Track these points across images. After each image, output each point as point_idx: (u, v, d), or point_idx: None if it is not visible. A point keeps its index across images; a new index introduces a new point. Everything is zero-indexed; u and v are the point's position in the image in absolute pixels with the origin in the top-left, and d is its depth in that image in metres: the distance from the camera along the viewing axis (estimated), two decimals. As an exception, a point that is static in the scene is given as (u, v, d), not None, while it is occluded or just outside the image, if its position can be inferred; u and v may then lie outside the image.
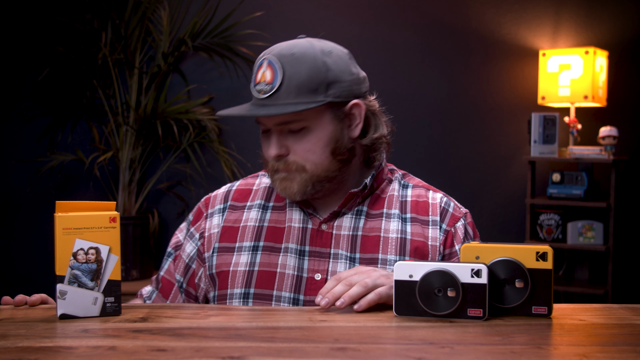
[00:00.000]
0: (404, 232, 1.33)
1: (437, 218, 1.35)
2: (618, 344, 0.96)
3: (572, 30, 3.42)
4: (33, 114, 3.65)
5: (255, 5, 3.61)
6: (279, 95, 1.24)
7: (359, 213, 1.35)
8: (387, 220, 1.34)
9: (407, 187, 1.40)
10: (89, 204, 1.11)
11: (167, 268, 1.44)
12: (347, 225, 1.33)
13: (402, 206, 1.37)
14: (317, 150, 1.28)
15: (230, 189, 1.44)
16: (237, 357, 0.88)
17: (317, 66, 1.26)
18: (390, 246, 1.32)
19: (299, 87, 1.24)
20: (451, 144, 3.59)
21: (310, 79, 1.25)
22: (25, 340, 0.96)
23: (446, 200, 1.38)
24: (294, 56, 1.26)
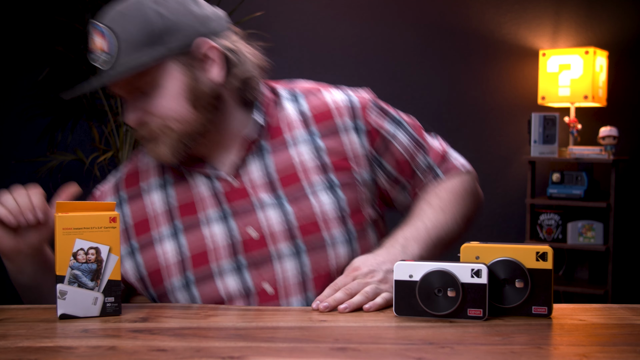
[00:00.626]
0: (318, 149, 1.24)
1: (348, 120, 1.27)
2: (618, 344, 0.96)
3: (572, 30, 3.42)
4: (33, 114, 3.65)
5: (255, 5, 3.61)
6: (119, 60, 1.14)
7: (260, 150, 1.24)
8: (295, 146, 1.25)
9: (297, 98, 1.29)
10: (89, 204, 1.11)
11: None
12: (255, 169, 1.23)
13: (303, 123, 1.26)
14: (174, 104, 1.17)
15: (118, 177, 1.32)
16: (237, 357, 0.88)
17: (149, 18, 1.15)
18: (310, 170, 1.23)
19: (133, 44, 1.14)
20: (451, 144, 3.57)
21: (143, 32, 1.14)
22: (25, 340, 0.96)
23: (345, 93, 1.30)
24: (122, 13, 1.15)
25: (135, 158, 1.34)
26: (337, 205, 1.23)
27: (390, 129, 1.31)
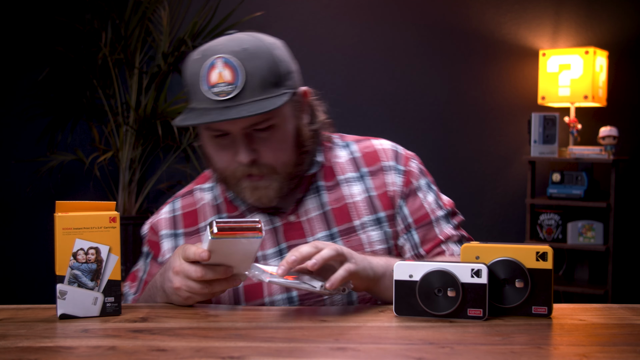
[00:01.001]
0: (368, 189, 1.32)
1: (392, 163, 1.34)
2: (618, 344, 0.96)
3: (572, 30, 3.42)
4: (33, 114, 3.65)
5: (255, 5, 3.61)
6: (244, 94, 1.15)
7: (317, 189, 1.31)
8: (347, 185, 1.32)
9: (348, 146, 1.37)
10: (89, 204, 1.11)
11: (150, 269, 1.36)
12: (312, 206, 1.30)
13: (354, 165, 1.34)
14: (287, 147, 1.22)
15: (174, 214, 1.35)
16: (237, 357, 0.88)
17: (273, 59, 1.19)
18: (361, 209, 1.30)
19: (262, 82, 1.16)
20: (451, 144, 3.59)
21: (270, 73, 1.17)
22: (25, 340, 0.96)
23: (392, 144, 1.38)
24: (248, 51, 1.17)
25: (189, 196, 1.37)
26: (384, 238, 1.30)
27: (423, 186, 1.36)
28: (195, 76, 1.18)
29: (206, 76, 1.16)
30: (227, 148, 1.21)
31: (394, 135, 1.44)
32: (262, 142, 1.20)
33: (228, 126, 1.18)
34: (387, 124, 3.52)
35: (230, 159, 1.21)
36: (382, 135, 1.44)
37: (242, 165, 1.20)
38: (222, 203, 1.34)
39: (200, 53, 1.20)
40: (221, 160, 1.23)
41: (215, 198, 1.35)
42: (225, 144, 1.21)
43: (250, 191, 1.23)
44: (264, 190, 1.23)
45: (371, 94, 3.57)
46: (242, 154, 1.19)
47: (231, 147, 1.20)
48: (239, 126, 1.18)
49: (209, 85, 1.16)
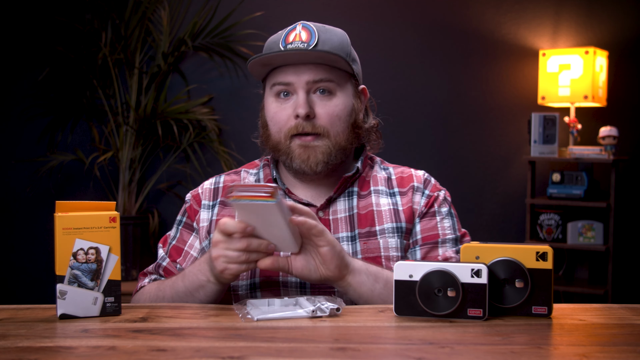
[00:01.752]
0: (395, 204, 1.37)
1: (421, 185, 1.40)
2: (618, 344, 0.96)
3: (572, 30, 3.42)
4: (33, 114, 3.65)
5: (255, 5, 3.61)
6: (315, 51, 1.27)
7: (350, 194, 1.38)
8: (377, 195, 1.38)
9: (388, 169, 1.45)
10: (89, 204, 1.11)
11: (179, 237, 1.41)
12: (341, 208, 1.36)
13: (388, 183, 1.41)
14: (343, 117, 1.32)
15: (217, 186, 1.42)
16: (237, 357, 0.88)
17: (346, 41, 1.33)
18: (384, 217, 1.35)
19: (332, 49, 1.28)
20: (451, 144, 3.59)
21: (341, 47, 1.30)
22: (25, 340, 0.96)
23: (428, 175, 1.45)
24: (326, 28, 1.32)
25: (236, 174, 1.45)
26: (400, 246, 1.34)
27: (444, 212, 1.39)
28: (274, 42, 1.32)
29: (285, 36, 1.30)
30: (287, 107, 1.31)
31: (394, 135, 1.45)
32: (321, 105, 1.30)
33: (294, 77, 1.29)
34: (387, 124, 3.51)
35: (288, 116, 1.30)
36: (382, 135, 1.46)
37: (298, 120, 1.28)
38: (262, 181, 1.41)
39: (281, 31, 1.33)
40: (280, 119, 1.31)
41: (257, 180, 1.42)
42: (287, 104, 1.31)
43: (300, 150, 1.30)
44: (313, 150, 1.30)
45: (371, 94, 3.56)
46: (301, 107, 1.28)
47: (292, 106, 1.30)
48: (304, 79, 1.29)
49: (286, 42, 1.30)
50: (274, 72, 1.32)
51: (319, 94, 1.30)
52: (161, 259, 1.42)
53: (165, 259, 1.41)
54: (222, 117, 3.70)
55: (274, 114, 1.32)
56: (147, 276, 1.41)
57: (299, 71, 1.28)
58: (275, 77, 1.31)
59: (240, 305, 1.14)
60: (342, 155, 1.34)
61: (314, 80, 1.29)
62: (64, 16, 3.58)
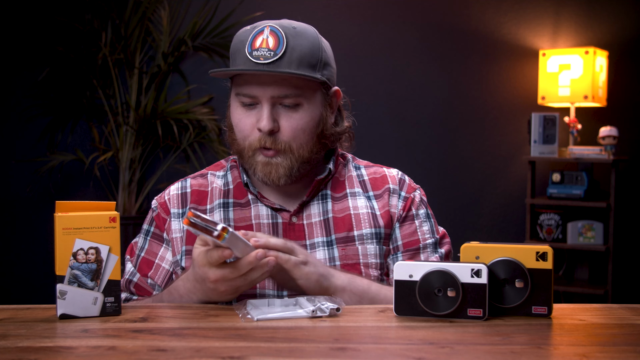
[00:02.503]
0: (372, 207, 1.35)
1: (396, 187, 1.38)
2: (618, 344, 0.96)
3: (572, 30, 3.42)
4: (33, 114, 3.65)
5: (255, 5, 3.61)
6: (281, 63, 1.22)
7: (324, 197, 1.35)
8: (353, 198, 1.35)
9: (359, 169, 1.41)
10: (89, 204, 1.11)
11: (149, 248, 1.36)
12: (315, 212, 1.33)
13: (362, 186, 1.38)
14: (308, 129, 1.27)
15: (185, 191, 1.37)
16: (237, 357, 0.88)
17: (316, 44, 1.26)
18: (363, 221, 1.33)
19: (300, 59, 1.23)
20: (451, 144, 3.59)
21: (311, 54, 1.24)
22: (25, 340, 0.95)
23: (401, 173, 1.42)
24: (296, 30, 1.25)
25: (202, 177, 1.39)
26: (380, 253, 1.32)
27: (422, 215, 1.38)
28: (242, 42, 1.26)
29: (252, 40, 1.24)
30: (251, 116, 1.26)
31: (394, 136, 1.44)
32: (285, 117, 1.25)
33: (258, 91, 1.24)
34: (387, 124, 3.52)
35: (252, 127, 1.26)
36: (382, 135, 1.46)
37: (261, 133, 1.24)
38: (231, 189, 1.36)
39: (251, 26, 1.28)
40: (244, 128, 1.27)
41: (226, 184, 1.37)
42: (251, 112, 1.26)
43: (262, 165, 1.27)
44: (275, 166, 1.26)
45: (371, 94, 3.56)
46: (264, 121, 1.24)
47: (255, 116, 1.26)
48: (269, 93, 1.24)
49: (252, 48, 1.23)
50: (239, 80, 1.27)
51: (284, 107, 1.25)
52: (130, 274, 1.36)
53: (135, 274, 1.35)
54: (222, 117, 3.69)
55: (238, 120, 1.28)
56: None
57: (265, 85, 1.23)
58: (240, 87, 1.26)
59: (240, 305, 1.14)
60: (307, 166, 1.30)
61: (279, 95, 1.24)
62: (64, 16, 3.58)
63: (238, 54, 1.26)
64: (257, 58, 1.22)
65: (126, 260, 1.39)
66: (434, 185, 3.35)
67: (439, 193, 3.38)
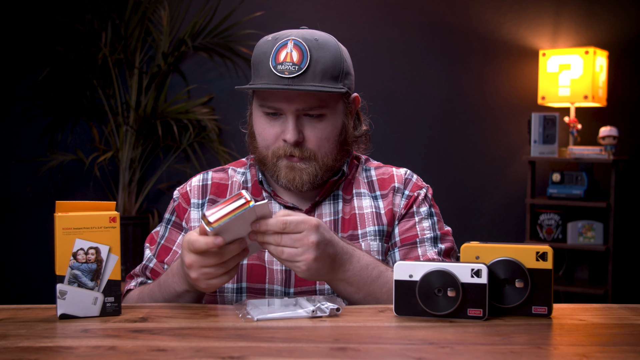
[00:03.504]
0: (377, 207, 1.37)
1: (401, 186, 1.39)
2: (618, 344, 0.96)
3: (572, 30, 3.42)
4: (33, 114, 3.65)
5: (255, 5, 3.61)
6: (305, 77, 1.24)
7: (336, 197, 1.37)
8: (359, 199, 1.38)
9: (369, 170, 1.43)
10: (89, 204, 1.11)
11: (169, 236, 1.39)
12: (327, 211, 1.36)
13: (369, 186, 1.40)
14: (332, 138, 1.30)
15: (205, 183, 1.40)
16: (237, 357, 0.88)
17: (338, 55, 1.28)
18: (367, 220, 1.35)
19: (323, 72, 1.25)
20: (451, 144, 3.59)
21: (333, 66, 1.27)
22: (25, 340, 0.96)
23: (410, 172, 1.43)
24: (318, 42, 1.27)
25: (223, 172, 1.43)
26: (382, 250, 1.33)
27: (423, 212, 1.38)
28: (264, 54, 1.27)
29: (276, 53, 1.26)
30: (276, 126, 1.28)
31: (394, 135, 1.44)
32: (310, 128, 1.28)
33: (283, 104, 1.26)
34: (387, 124, 3.52)
35: (276, 136, 1.28)
36: (382, 135, 1.46)
37: (287, 144, 1.27)
38: (249, 187, 1.39)
39: (273, 36, 1.29)
40: (267, 137, 1.29)
41: (245, 181, 1.41)
42: (275, 123, 1.29)
43: (287, 170, 1.29)
44: (299, 172, 1.29)
45: (371, 94, 3.56)
46: (289, 133, 1.26)
47: (280, 126, 1.28)
48: (294, 106, 1.26)
49: (276, 62, 1.25)
50: (263, 92, 1.29)
51: (308, 117, 1.28)
52: (148, 260, 1.40)
53: (152, 260, 1.39)
54: (222, 117, 3.70)
55: (262, 130, 1.30)
56: (134, 279, 1.40)
57: (290, 98, 1.25)
58: (265, 99, 1.28)
59: (240, 305, 1.14)
60: (329, 173, 1.33)
61: (304, 108, 1.26)
62: (64, 16, 3.58)
63: (261, 66, 1.27)
64: (281, 72, 1.24)
65: (145, 247, 1.43)
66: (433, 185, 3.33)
67: (438, 193, 3.37)
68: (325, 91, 1.24)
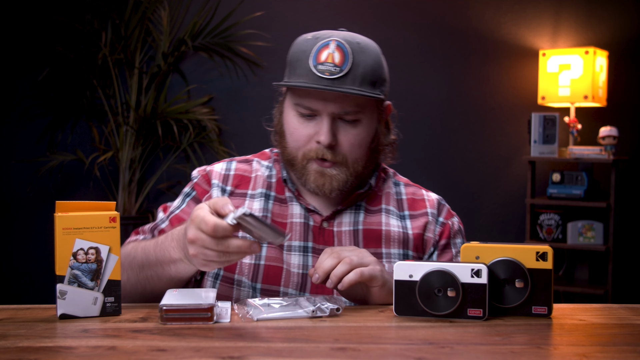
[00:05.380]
0: (405, 227, 1.35)
1: (434, 211, 1.38)
2: (618, 344, 0.96)
3: (572, 30, 3.42)
4: (33, 114, 3.65)
5: (255, 5, 3.61)
6: (345, 80, 1.21)
7: (358, 208, 1.35)
8: (387, 215, 1.35)
9: (399, 185, 1.41)
10: (89, 204, 1.11)
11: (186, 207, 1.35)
12: (347, 220, 1.33)
13: (398, 204, 1.38)
14: (364, 145, 1.28)
15: (228, 173, 1.38)
16: (237, 357, 0.88)
17: (378, 61, 1.27)
18: (393, 240, 1.32)
19: (363, 76, 1.23)
20: (451, 144, 3.59)
21: (373, 71, 1.25)
22: (25, 340, 0.96)
23: (440, 198, 1.42)
24: (360, 45, 1.25)
25: (247, 163, 1.40)
26: None
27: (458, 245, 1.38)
28: (304, 52, 1.24)
29: (317, 53, 1.23)
30: (309, 127, 1.26)
31: (394, 135, 1.45)
32: (344, 132, 1.25)
33: (320, 105, 1.24)
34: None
35: (309, 138, 1.26)
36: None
37: (319, 145, 1.24)
38: (274, 183, 1.36)
39: (313, 35, 1.26)
40: (300, 138, 1.27)
41: (269, 176, 1.38)
42: (309, 123, 1.26)
43: (316, 175, 1.27)
44: (329, 178, 1.27)
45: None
46: (324, 135, 1.23)
47: (314, 127, 1.25)
48: (330, 108, 1.23)
49: (317, 61, 1.22)
50: (299, 91, 1.26)
51: (343, 121, 1.25)
52: (160, 221, 1.36)
53: (165, 222, 1.35)
54: (222, 117, 3.70)
55: (294, 129, 1.28)
56: (139, 234, 1.37)
57: (327, 100, 1.23)
58: (301, 98, 1.26)
59: (240, 305, 1.14)
60: (357, 180, 1.31)
61: (340, 112, 1.24)
62: (64, 16, 3.58)
63: (300, 64, 1.24)
64: (322, 72, 1.21)
65: (158, 211, 1.40)
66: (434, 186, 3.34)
67: (438, 193, 3.38)
68: (365, 95, 1.22)
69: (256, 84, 3.63)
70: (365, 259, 1.15)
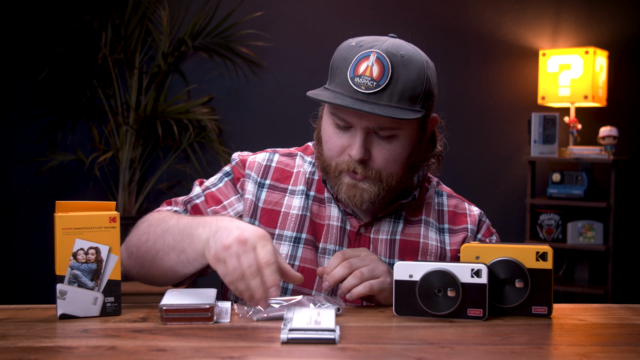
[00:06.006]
0: (443, 242, 1.33)
1: (474, 227, 1.36)
2: (618, 344, 0.96)
3: (572, 30, 3.42)
4: (33, 114, 3.65)
5: (255, 5, 3.61)
6: (382, 95, 1.16)
7: (398, 217, 1.33)
8: (426, 227, 1.33)
9: (441, 196, 1.39)
10: (89, 204, 1.11)
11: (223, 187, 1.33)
12: (385, 229, 1.31)
13: (439, 216, 1.36)
14: (399, 160, 1.23)
15: (269, 165, 1.35)
16: (237, 357, 0.88)
17: (422, 76, 1.20)
18: (430, 254, 1.30)
19: (402, 92, 1.17)
20: (451, 144, 3.58)
21: (414, 87, 1.18)
22: (25, 340, 0.96)
23: (482, 213, 1.40)
24: (403, 58, 1.19)
25: (291, 157, 1.37)
26: None
27: None
28: (345, 60, 1.20)
29: (355, 64, 1.18)
30: (343, 138, 1.22)
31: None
32: (378, 147, 1.21)
33: (354, 119, 1.19)
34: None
35: (342, 149, 1.23)
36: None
37: (351, 159, 1.21)
38: (315, 181, 1.34)
39: (358, 42, 1.22)
40: (333, 148, 1.23)
41: (312, 172, 1.35)
42: (344, 135, 1.22)
43: (347, 187, 1.24)
44: (360, 190, 1.23)
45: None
46: (355, 150, 1.20)
47: (348, 139, 1.22)
48: (364, 124, 1.19)
49: (355, 73, 1.18)
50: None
51: (378, 136, 1.21)
52: (196, 196, 1.32)
53: (201, 196, 1.32)
54: (222, 117, 3.70)
55: (328, 138, 1.24)
56: (171, 205, 1.32)
57: (362, 114, 1.18)
58: (336, 109, 1.21)
59: (240, 305, 1.14)
60: (392, 194, 1.28)
61: (374, 127, 1.19)
62: (64, 16, 3.58)
63: (339, 72, 1.20)
64: (358, 85, 1.17)
65: (194, 185, 1.36)
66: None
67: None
68: (395, 118, 1.15)
69: (256, 84, 3.63)
70: (376, 271, 1.14)
